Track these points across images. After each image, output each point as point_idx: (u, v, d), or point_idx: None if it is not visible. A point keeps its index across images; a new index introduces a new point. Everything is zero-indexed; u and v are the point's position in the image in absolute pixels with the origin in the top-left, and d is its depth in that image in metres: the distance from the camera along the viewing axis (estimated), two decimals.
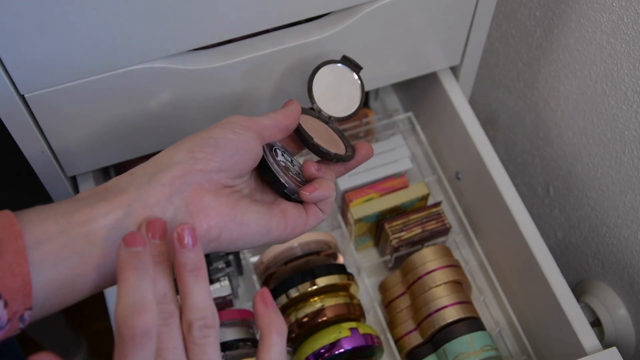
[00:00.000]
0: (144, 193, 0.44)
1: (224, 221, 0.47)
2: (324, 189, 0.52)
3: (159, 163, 0.47)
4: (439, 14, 0.71)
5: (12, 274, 0.39)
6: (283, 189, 0.53)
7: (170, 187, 0.45)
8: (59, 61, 0.58)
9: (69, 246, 0.42)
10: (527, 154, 0.96)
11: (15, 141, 0.64)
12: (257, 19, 0.63)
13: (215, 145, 0.48)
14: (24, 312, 0.40)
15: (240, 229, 0.48)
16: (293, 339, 0.73)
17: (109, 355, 0.41)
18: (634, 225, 0.77)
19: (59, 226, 0.42)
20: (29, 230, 0.41)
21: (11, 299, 0.39)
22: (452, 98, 0.81)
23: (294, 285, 0.73)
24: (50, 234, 0.41)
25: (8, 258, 0.39)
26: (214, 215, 0.47)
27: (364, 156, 0.59)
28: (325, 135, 0.59)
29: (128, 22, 0.57)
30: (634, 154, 0.74)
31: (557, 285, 0.70)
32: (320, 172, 0.54)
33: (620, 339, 0.84)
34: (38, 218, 0.42)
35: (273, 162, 0.53)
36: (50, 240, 0.41)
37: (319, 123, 0.61)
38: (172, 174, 0.46)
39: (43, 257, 0.41)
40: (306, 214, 0.53)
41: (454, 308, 0.73)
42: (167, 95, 0.65)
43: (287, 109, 0.55)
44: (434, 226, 0.79)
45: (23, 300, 0.40)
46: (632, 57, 0.70)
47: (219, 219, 0.47)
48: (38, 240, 0.41)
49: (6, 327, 0.40)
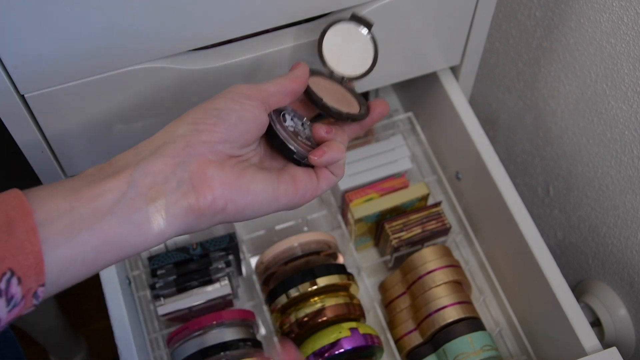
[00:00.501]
0: (146, 164, 0.45)
1: (228, 191, 0.47)
2: (333, 151, 0.52)
3: (162, 137, 0.47)
4: (439, 14, 0.71)
5: (24, 251, 0.40)
6: (292, 154, 0.52)
7: (174, 158, 0.46)
8: (59, 61, 0.58)
9: (78, 222, 0.42)
10: (527, 154, 0.96)
11: (15, 141, 0.64)
12: (257, 19, 0.63)
13: (218, 117, 0.48)
14: (38, 289, 0.41)
15: (246, 198, 0.48)
16: (293, 339, 0.73)
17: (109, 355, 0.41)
18: (634, 225, 0.77)
19: (68, 203, 0.42)
20: (39, 208, 0.42)
21: (24, 276, 0.40)
22: (452, 98, 0.81)
23: (294, 285, 0.73)
24: (60, 212, 0.42)
25: (20, 236, 0.40)
26: (217, 185, 0.46)
27: (379, 114, 0.59)
28: (338, 95, 0.58)
29: (128, 22, 0.57)
30: (634, 154, 0.74)
31: (557, 285, 0.70)
32: (331, 134, 0.53)
33: (620, 339, 0.84)
34: (47, 195, 0.42)
35: (280, 128, 0.52)
36: (60, 218, 0.42)
37: (331, 84, 0.59)
38: (175, 146, 0.46)
39: (54, 234, 0.41)
40: (317, 178, 0.53)
41: (454, 308, 0.73)
42: (167, 95, 0.65)
43: (294, 73, 0.54)
44: (434, 226, 0.80)
45: (36, 277, 0.40)
46: (632, 57, 0.70)
47: (223, 189, 0.47)
48: (48, 217, 0.42)
49: (20, 303, 0.40)
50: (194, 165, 0.46)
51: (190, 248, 0.76)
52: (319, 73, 0.60)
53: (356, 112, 0.57)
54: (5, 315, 0.40)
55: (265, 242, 0.81)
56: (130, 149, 0.47)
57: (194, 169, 0.46)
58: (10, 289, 0.39)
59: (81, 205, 0.43)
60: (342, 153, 0.53)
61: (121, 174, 0.44)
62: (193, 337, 0.71)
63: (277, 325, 0.75)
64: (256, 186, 0.49)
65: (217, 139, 0.47)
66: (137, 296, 0.78)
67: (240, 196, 0.48)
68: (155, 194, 0.44)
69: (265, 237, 0.83)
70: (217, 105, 0.49)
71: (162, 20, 0.58)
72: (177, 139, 0.46)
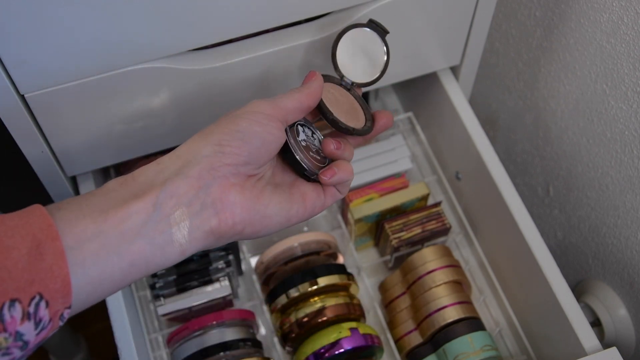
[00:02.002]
0: (171, 185, 0.45)
1: (248, 216, 0.48)
2: (342, 172, 0.53)
3: (186, 154, 0.47)
4: (439, 14, 0.71)
5: (52, 275, 0.40)
6: (303, 171, 0.54)
7: (199, 180, 0.46)
8: (59, 61, 0.58)
9: (106, 246, 0.43)
10: (527, 154, 0.96)
11: (15, 141, 0.64)
12: (257, 19, 0.63)
13: (242, 139, 0.48)
14: (64, 311, 0.42)
15: (263, 222, 0.50)
16: (293, 339, 0.73)
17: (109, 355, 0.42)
18: (634, 225, 0.77)
19: (96, 225, 0.43)
20: (67, 230, 0.42)
21: (52, 299, 0.40)
22: (452, 98, 0.81)
23: (294, 285, 0.73)
24: (89, 235, 0.42)
25: (48, 260, 0.40)
26: (239, 212, 0.48)
27: (383, 126, 0.59)
28: (346, 105, 0.59)
29: (128, 22, 0.57)
30: (634, 154, 0.74)
31: (557, 285, 0.70)
32: (340, 149, 0.54)
33: (620, 339, 0.84)
34: (75, 217, 0.43)
35: (294, 143, 0.54)
36: (90, 241, 0.42)
37: (340, 91, 0.60)
38: (200, 167, 0.47)
39: (82, 258, 0.42)
40: (324, 195, 0.54)
41: (454, 308, 0.73)
42: (167, 95, 0.65)
43: (310, 87, 0.54)
44: (434, 226, 0.79)
45: (63, 300, 0.41)
46: (632, 57, 0.70)
47: (243, 214, 0.48)
48: (77, 240, 0.42)
49: (48, 326, 0.41)
50: (217, 188, 0.47)
51: None
52: (329, 78, 0.60)
53: (362, 123, 0.58)
54: (34, 338, 0.40)
55: (265, 242, 0.81)
56: (153, 163, 0.47)
57: (217, 192, 0.47)
58: (39, 313, 0.40)
59: (109, 229, 0.43)
60: (350, 174, 0.54)
61: (147, 195, 0.45)
62: (193, 337, 0.71)
63: (277, 325, 0.75)
64: (272, 209, 0.50)
65: (240, 161, 0.48)
66: (137, 296, 0.78)
67: (257, 220, 0.49)
68: (179, 216, 0.45)
69: (265, 237, 0.82)
70: (240, 127, 0.49)
71: (162, 20, 0.58)
72: (203, 159, 0.47)
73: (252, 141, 0.49)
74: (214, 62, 0.64)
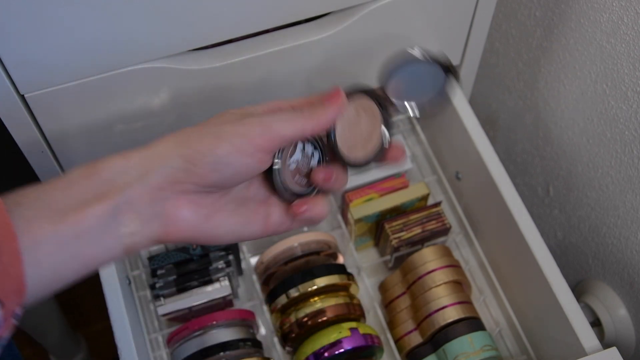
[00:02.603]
0: (131, 191, 0.45)
1: (194, 234, 0.47)
2: (314, 211, 0.50)
3: (155, 159, 0.46)
4: (439, 14, 0.71)
5: (8, 275, 0.40)
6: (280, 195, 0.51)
7: (158, 191, 0.45)
8: (59, 61, 0.58)
9: (62, 248, 0.42)
10: (527, 154, 0.96)
11: (15, 141, 0.64)
12: (257, 19, 0.63)
13: (214, 168, 0.45)
14: (16, 309, 0.41)
15: (210, 239, 0.48)
16: (293, 339, 0.73)
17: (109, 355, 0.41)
18: (634, 225, 0.77)
19: (54, 227, 0.42)
20: (25, 229, 0.41)
21: (6, 299, 0.40)
22: (452, 98, 0.81)
23: (294, 285, 0.73)
24: (46, 236, 0.42)
25: (4, 260, 0.40)
26: (185, 228, 0.46)
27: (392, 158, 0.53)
28: (365, 127, 0.51)
29: (128, 22, 0.57)
30: (634, 154, 0.74)
31: (557, 285, 0.70)
32: (329, 182, 0.50)
33: (620, 339, 0.84)
34: (33, 216, 0.42)
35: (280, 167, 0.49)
36: (46, 243, 0.42)
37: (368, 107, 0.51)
38: (163, 178, 0.45)
39: (38, 259, 0.41)
40: (292, 220, 0.51)
41: (454, 308, 0.73)
42: (167, 95, 0.65)
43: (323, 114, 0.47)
44: (434, 226, 0.79)
45: (17, 300, 0.41)
46: (632, 57, 0.70)
47: (191, 232, 0.47)
48: (34, 241, 0.41)
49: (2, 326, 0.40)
50: (173, 202, 0.46)
51: (190, 248, 0.76)
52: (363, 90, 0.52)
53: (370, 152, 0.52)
54: None
55: (265, 242, 0.81)
56: (120, 157, 0.46)
57: (170, 206, 0.46)
58: None
59: (66, 230, 0.42)
60: (321, 215, 0.50)
61: (107, 198, 0.44)
62: (193, 337, 0.71)
63: (277, 325, 0.75)
64: (222, 230, 0.48)
65: (206, 184, 0.46)
66: (137, 296, 0.78)
67: (204, 237, 0.48)
68: (130, 221, 0.45)
69: (265, 237, 0.83)
70: (218, 152, 0.45)
71: (162, 20, 0.58)
72: (169, 170, 0.45)
73: (224, 171, 0.46)
74: (214, 62, 0.64)
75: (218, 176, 0.46)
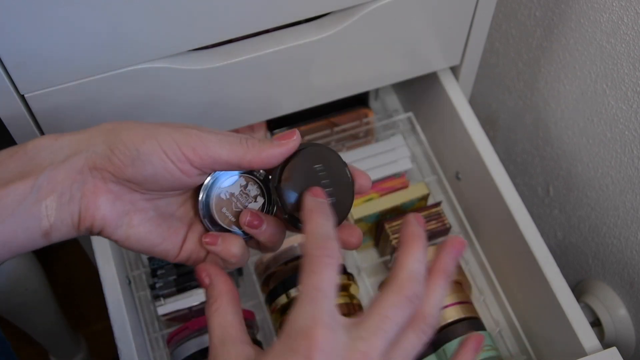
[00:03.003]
0: (53, 171, 0.44)
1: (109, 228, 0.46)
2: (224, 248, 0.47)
3: (84, 142, 0.45)
4: (439, 14, 0.71)
5: None
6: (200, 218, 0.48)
7: (79, 173, 0.45)
8: (59, 61, 0.58)
9: None
10: (527, 154, 0.96)
11: (15, 141, 0.64)
12: (257, 19, 0.63)
13: (132, 163, 0.44)
14: None
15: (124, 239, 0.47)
16: None
17: (109, 355, 0.41)
18: (634, 225, 0.77)
19: None
20: None
21: None
22: (452, 98, 0.81)
23: (294, 285, 0.73)
24: None
25: None
26: (100, 218, 0.46)
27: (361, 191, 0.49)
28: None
29: (128, 22, 0.57)
30: (634, 154, 0.74)
31: (557, 285, 0.70)
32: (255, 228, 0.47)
33: (620, 339, 0.84)
34: None
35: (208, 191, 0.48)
36: None
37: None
38: (85, 161, 0.45)
39: None
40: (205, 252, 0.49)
41: (454, 308, 0.73)
42: (167, 95, 0.65)
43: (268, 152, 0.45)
44: (434, 226, 0.79)
45: None
46: (632, 57, 0.70)
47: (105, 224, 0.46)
48: None
49: None
50: (91, 187, 0.45)
51: None
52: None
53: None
54: None
55: None
56: (51, 137, 0.46)
57: (88, 191, 0.45)
58: None
59: None
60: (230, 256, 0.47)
61: (30, 175, 0.44)
62: (193, 337, 0.71)
63: (277, 325, 0.75)
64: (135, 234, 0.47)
65: (122, 177, 0.45)
66: (137, 296, 0.78)
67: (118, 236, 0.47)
68: (50, 203, 0.44)
69: None
70: (143, 149, 0.44)
71: (162, 20, 0.58)
72: (91, 154, 0.45)
73: (142, 168, 0.44)
74: (214, 62, 0.64)
75: (134, 172, 0.45)
